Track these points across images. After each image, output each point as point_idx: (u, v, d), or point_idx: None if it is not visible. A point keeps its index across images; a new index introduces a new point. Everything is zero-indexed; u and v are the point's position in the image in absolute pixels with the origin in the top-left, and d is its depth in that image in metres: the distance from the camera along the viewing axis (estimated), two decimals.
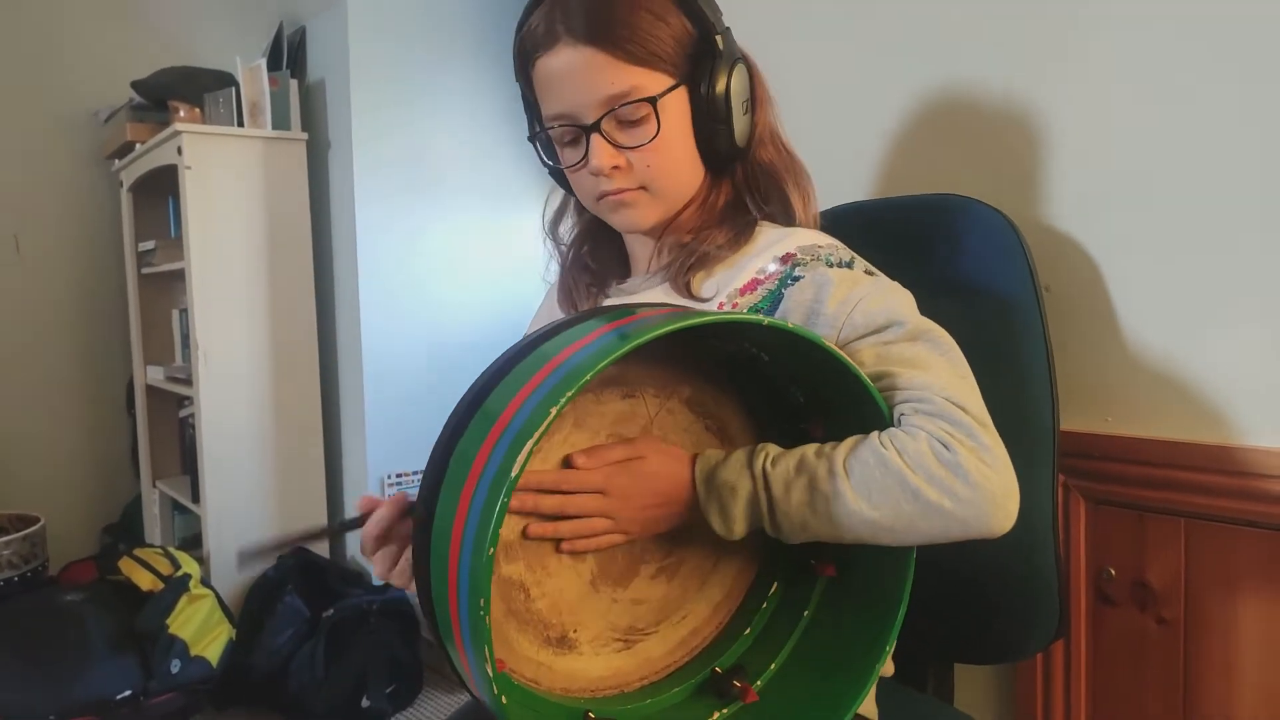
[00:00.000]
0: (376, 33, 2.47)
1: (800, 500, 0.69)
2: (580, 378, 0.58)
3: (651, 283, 0.91)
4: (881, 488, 0.67)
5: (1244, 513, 0.94)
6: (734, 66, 0.84)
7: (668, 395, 0.76)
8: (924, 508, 0.66)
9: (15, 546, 2.33)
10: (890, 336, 0.75)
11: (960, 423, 0.68)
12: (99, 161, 2.88)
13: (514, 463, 0.57)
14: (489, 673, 0.58)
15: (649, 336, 0.61)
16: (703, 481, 0.72)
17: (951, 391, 0.70)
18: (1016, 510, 0.68)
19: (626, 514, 0.72)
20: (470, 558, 0.58)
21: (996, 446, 0.69)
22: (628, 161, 0.84)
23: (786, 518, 0.70)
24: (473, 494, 0.60)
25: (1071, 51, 1.04)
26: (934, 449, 0.67)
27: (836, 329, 0.76)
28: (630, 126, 0.82)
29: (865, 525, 0.68)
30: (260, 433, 2.48)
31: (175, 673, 2.05)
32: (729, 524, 0.71)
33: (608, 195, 0.85)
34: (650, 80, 0.81)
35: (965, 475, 0.66)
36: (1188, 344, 0.98)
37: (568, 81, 0.82)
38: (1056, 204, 1.07)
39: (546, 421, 0.57)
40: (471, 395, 0.67)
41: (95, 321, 2.92)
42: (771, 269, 0.82)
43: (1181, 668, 1.00)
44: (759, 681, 0.77)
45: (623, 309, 0.72)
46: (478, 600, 0.57)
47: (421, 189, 2.57)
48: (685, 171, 0.87)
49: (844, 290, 0.78)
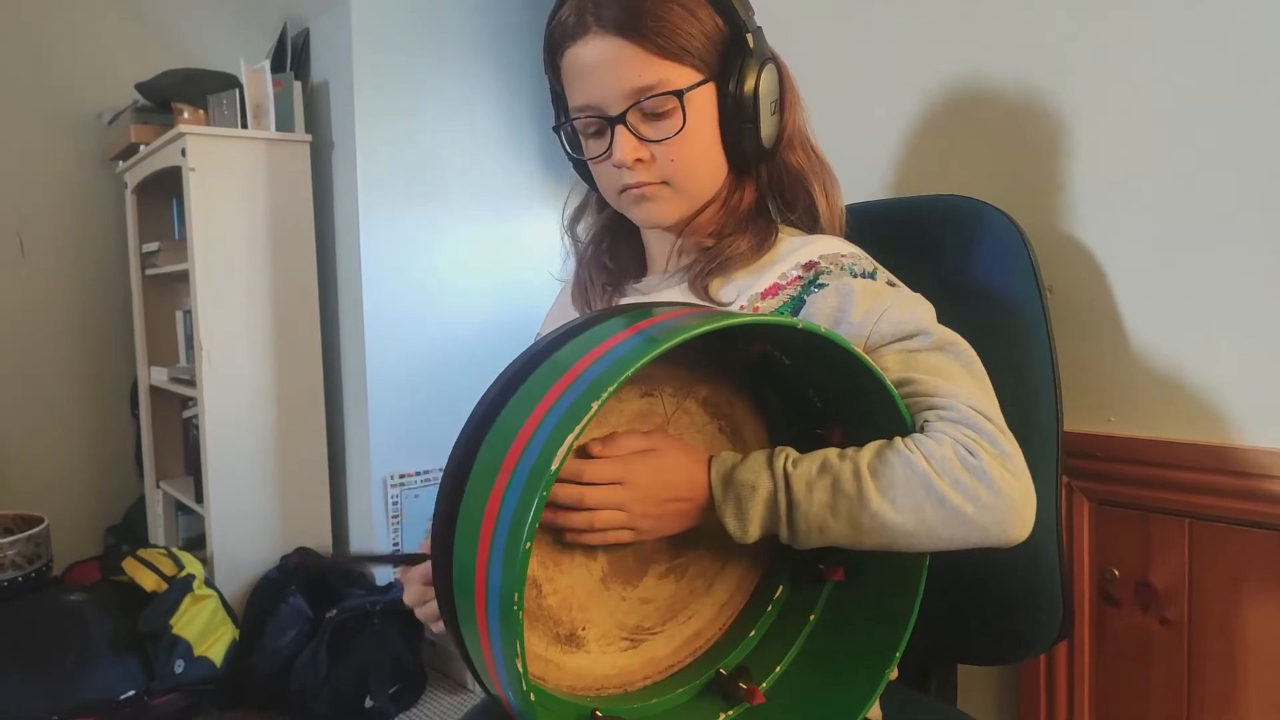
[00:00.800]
0: (380, 34, 2.48)
1: (822, 501, 0.68)
2: (625, 370, 0.58)
3: (669, 283, 0.91)
4: (907, 491, 0.66)
5: (1248, 513, 0.94)
6: (764, 66, 0.84)
7: (685, 395, 0.76)
8: (948, 513, 0.66)
9: (19, 547, 2.33)
10: (916, 345, 0.75)
11: (984, 430, 0.69)
12: (103, 163, 2.88)
13: (554, 455, 0.56)
14: (519, 669, 0.57)
15: (696, 332, 0.60)
16: (719, 481, 0.71)
17: (976, 401, 0.71)
18: (1033, 518, 0.69)
19: (641, 509, 0.70)
20: (505, 552, 0.57)
21: (1017, 454, 0.69)
22: (651, 155, 0.83)
23: (805, 519, 0.68)
24: (507, 486, 0.59)
25: (1077, 54, 1.05)
26: (959, 454, 0.67)
27: (863, 338, 0.76)
28: (656, 120, 0.82)
29: (886, 530, 0.67)
30: (264, 434, 2.49)
31: (179, 673, 2.05)
32: (744, 525, 0.70)
33: (630, 189, 0.85)
34: (678, 74, 0.81)
35: (990, 481, 0.66)
36: (1191, 345, 0.98)
37: (596, 72, 0.82)
38: (1060, 205, 1.07)
39: (588, 415, 0.57)
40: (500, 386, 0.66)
41: (99, 322, 2.93)
42: (794, 275, 0.83)
43: (1185, 668, 1.00)
44: (765, 683, 0.77)
45: (641, 309, 0.71)
46: (511, 595, 0.56)
47: (425, 189, 2.58)
48: (709, 169, 0.87)
49: (869, 300, 0.78)
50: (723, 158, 0.87)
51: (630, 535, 0.72)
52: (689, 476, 0.71)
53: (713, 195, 0.89)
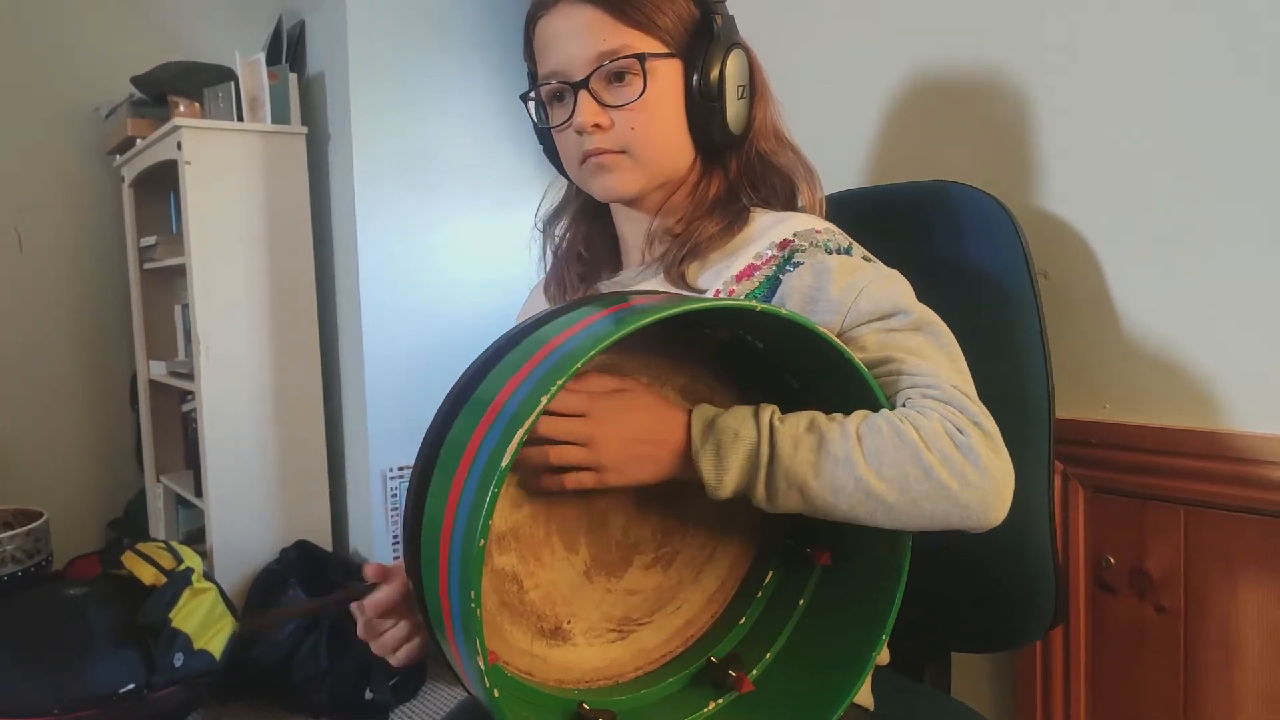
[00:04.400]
0: (375, 25, 2.47)
1: (806, 460, 0.65)
2: (572, 365, 0.58)
3: (644, 276, 0.90)
4: (894, 460, 0.65)
5: (1243, 499, 0.93)
6: (730, 49, 0.85)
7: (661, 384, 0.75)
8: (932, 486, 0.64)
9: (19, 541, 2.34)
10: (895, 324, 0.75)
11: (968, 409, 0.69)
12: (100, 157, 2.88)
13: (504, 453, 0.56)
14: (480, 666, 0.57)
15: (641, 323, 0.60)
16: (701, 426, 0.68)
17: (957, 382, 0.71)
18: (1011, 500, 0.68)
19: (606, 448, 0.67)
20: (461, 549, 0.58)
21: (998, 436, 0.69)
22: (611, 121, 0.84)
23: (786, 477, 0.66)
24: (463, 485, 0.59)
25: (1069, 36, 1.04)
26: (948, 430, 0.66)
27: (841, 314, 0.76)
28: (618, 85, 0.83)
29: (866, 498, 0.65)
30: (262, 427, 2.48)
31: (178, 666, 2.05)
32: (721, 475, 0.66)
33: (590, 157, 0.85)
34: (643, 42, 0.83)
35: (977, 459, 0.66)
36: (1185, 330, 0.97)
37: (563, 39, 0.84)
38: (1053, 191, 1.06)
39: (537, 410, 0.57)
40: (462, 384, 0.66)
41: (98, 317, 2.93)
42: (768, 254, 0.82)
43: (1181, 655, 1.00)
44: (754, 671, 0.76)
45: (616, 296, 0.71)
46: (468, 593, 0.56)
47: (422, 181, 2.57)
48: (670, 143, 0.86)
49: (845, 277, 0.77)
50: (688, 138, 0.87)
51: (593, 479, 0.68)
52: (662, 418, 0.68)
53: (678, 177, 0.89)
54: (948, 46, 1.16)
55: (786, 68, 0.93)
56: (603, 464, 0.67)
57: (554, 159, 0.95)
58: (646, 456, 0.68)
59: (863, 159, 1.26)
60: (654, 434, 0.68)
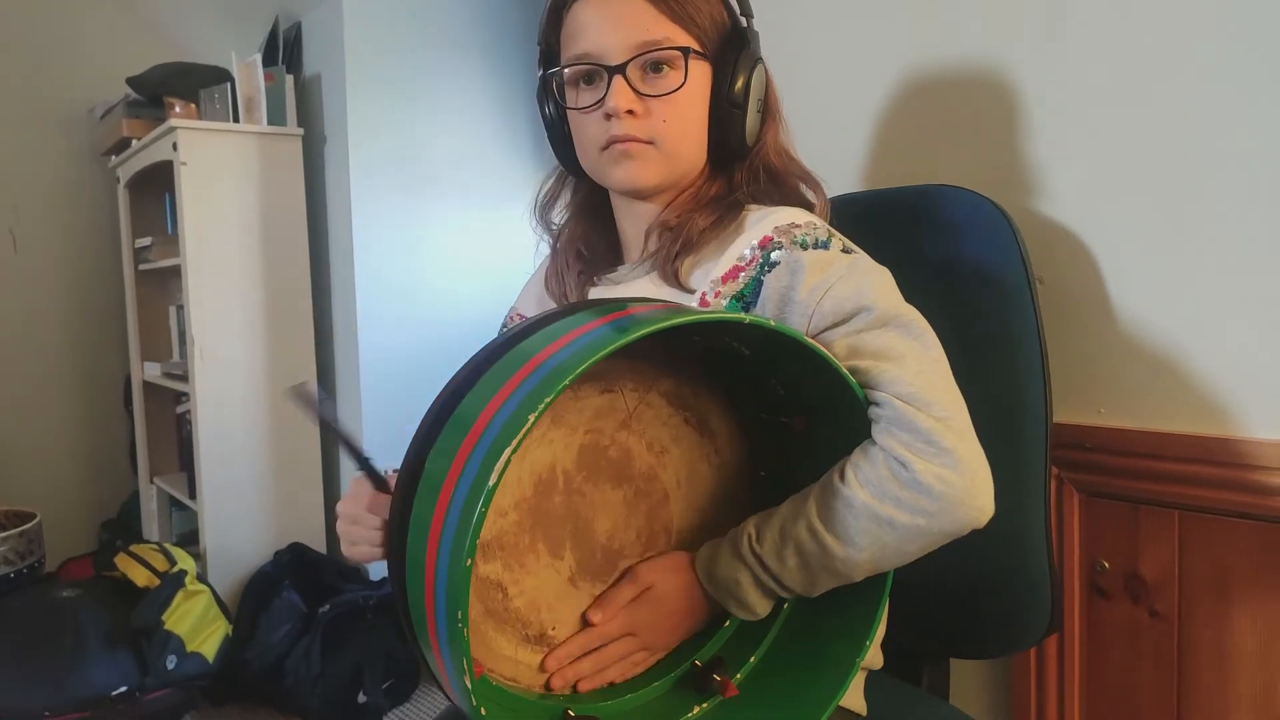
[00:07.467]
0: (372, 27, 2.46)
1: (795, 565, 0.72)
2: (558, 383, 0.56)
3: (639, 272, 0.89)
4: (859, 530, 0.69)
5: (1237, 504, 0.93)
6: (756, 64, 0.86)
7: (646, 389, 0.75)
8: (903, 532, 0.68)
9: (11, 543, 2.33)
10: (859, 325, 0.74)
11: (917, 429, 0.68)
12: (95, 158, 2.87)
13: (491, 472, 0.55)
14: (467, 684, 0.57)
15: (622, 343, 0.58)
16: (708, 583, 0.75)
17: (917, 386, 0.69)
18: (990, 498, 0.69)
19: (658, 638, 0.77)
20: (448, 567, 0.57)
21: (959, 445, 0.68)
22: (645, 109, 0.83)
23: (793, 584, 0.73)
24: (449, 501, 0.58)
25: (1067, 40, 1.03)
26: (893, 471, 0.68)
27: (807, 317, 0.76)
28: (654, 75, 0.83)
29: (863, 565, 0.70)
30: (257, 428, 2.48)
31: (171, 668, 2.04)
32: (750, 610, 0.75)
33: (616, 142, 0.84)
34: (684, 39, 0.83)
35: (927, 490, 0.67)
36: (1182, 336, 0.97)
37: (604, 22, 0.83)
38: (1050, 195, 1.06)
39: (524, 429, 0.55)
40: (447, 395, 0.65)
41: (92, 318, 2.92)
42: (749, 255, 0.81)
43: (1175, 660, 1.00)
44: (739, 675, 0.76)
45: (601, 305, 0.70)
46: (455, 612, 0.56)
47: (417, 182, 2.57)
48: (694, 142, 0.86)
49: (815, 276, 0.76)
50: (705, 142, 0.87)
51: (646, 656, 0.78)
52: (684, 593, 0.77)
53: (690, 178, 0.88)
54: (945, 49, 1.15)
55: (781, 73, 0.92)
56: (654, 645, 0.78)
57: (560, 147, 0.93)
58: (683, 626, 0.78)
59: (860, 163, 1.26)
60: (686, 612, 0.77)
